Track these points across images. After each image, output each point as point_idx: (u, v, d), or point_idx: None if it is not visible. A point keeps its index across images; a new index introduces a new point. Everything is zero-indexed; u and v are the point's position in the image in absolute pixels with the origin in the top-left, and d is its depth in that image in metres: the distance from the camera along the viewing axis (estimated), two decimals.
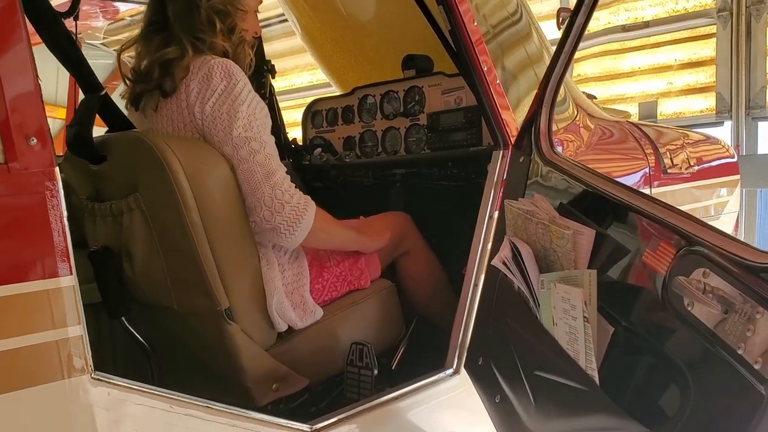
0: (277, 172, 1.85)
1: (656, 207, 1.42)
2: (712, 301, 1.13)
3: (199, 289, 1.83)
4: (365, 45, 3.24)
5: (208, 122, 1.85)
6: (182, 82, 1.89)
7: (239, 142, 1.83)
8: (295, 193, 1.87)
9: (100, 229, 1.99)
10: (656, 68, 6.45)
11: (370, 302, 2.20)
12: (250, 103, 1.87)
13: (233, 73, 1.87)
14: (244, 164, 1.83)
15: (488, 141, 2.54)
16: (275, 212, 1.83)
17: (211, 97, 1.85)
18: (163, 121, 1.94)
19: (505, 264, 1.69)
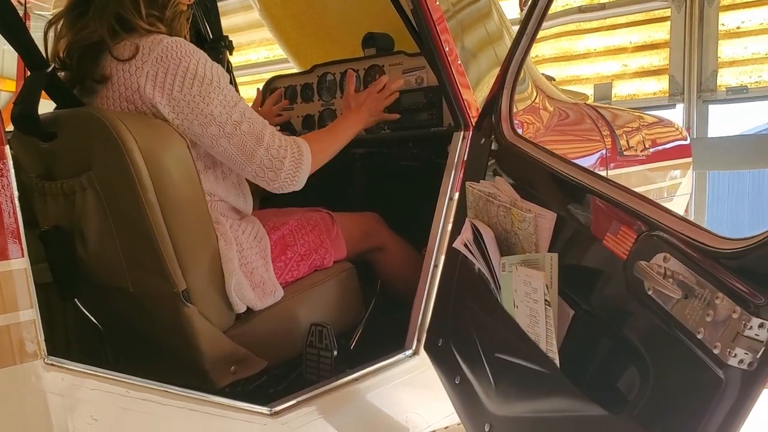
0: (265, 132, 1.87)
1: (617, 191, 1.43)
2: (673, 286, 1.15)
3: (155, 271, 1.79)
4: (325, 22, 3.19)
5: (181, 107, 1.79)
6: (125, 64, 1.80)
7: (222, 120, 1.81)
8: (287, 145, 1.90)
9: (51, 208, 1.93)
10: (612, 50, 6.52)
11: (330, 284, 2.19)
12: (217, 77, 1.83)
13: (190, 52, 1.81)
14: (234, 138, 1.82)
15: (449, 122, 2.53)
16: (277, 170, 1.87)
17: (174, 81, 1.78)
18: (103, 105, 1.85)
19: (466, 246, 1.69)
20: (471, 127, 2.30)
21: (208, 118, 1.80)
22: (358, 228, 2.39)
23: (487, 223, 1.75)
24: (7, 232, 1.25)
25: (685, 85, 6.08)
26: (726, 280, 1.08)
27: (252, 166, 1.86)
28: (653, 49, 6.29)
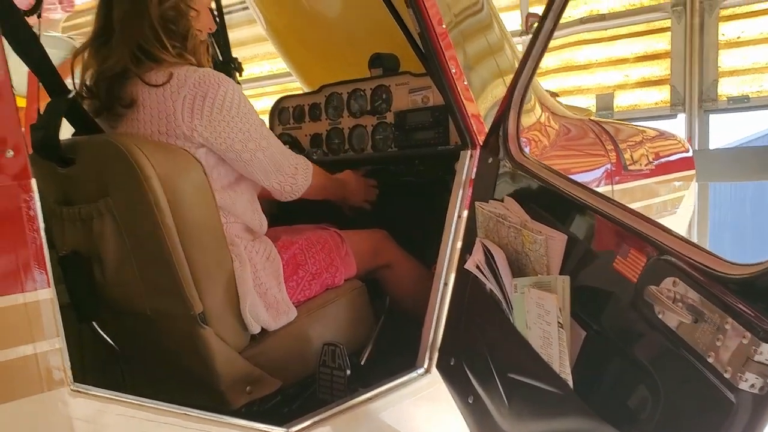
0: (285, 149, 2.11)
1: (626, 214, 1.46)
2: (682, 310, 1.18)
3: (172, 294, 1.82)
4: (331, 42, 3.23)
5: (221, 127, 1.89)
6: (159, 90, 1.86)
7: (258, 135, 1.97)
8: (301, 158, 2.18)
9: (69, 233, 1.96)
10: (613, 61, 6.55)
11: (341, 302, 2.22)
12: (246, 107, 1.94)
13: (225, 80, 1.90)
14: (267, 150, 2.01)
15: (455, 140, 2.57)
16: (294, 176, 2.14)
17: (213, 105, 1.86)
18: (134, 128, 1.91)
19: (478, 268, 1.72)
20: (478, 146, 2.33)
21: (247, 135, 1.93)
22: (366, 245, 2.43)
23: (498, 243, 1.79)
24: (34, 264, 1.28)
25: (687, 94, 6.11)
26: (735, 306, 1.11)
27: (279, 174, 2.07)
28: (654, 60, 6.33)
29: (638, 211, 1.46)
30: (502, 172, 2.06)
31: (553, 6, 1.91)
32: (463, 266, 1.94)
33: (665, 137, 3.70)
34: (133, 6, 1.91)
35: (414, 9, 2.19)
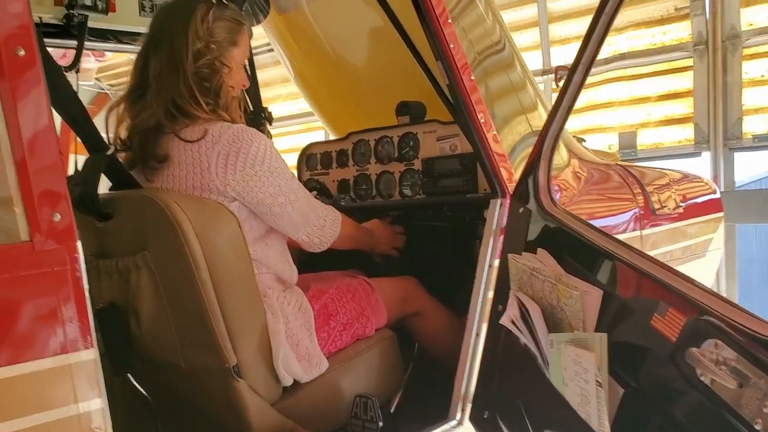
0: (313, 200, 2.15)
1: (663, 271, 1.46)
2: (726, 375, 1.17)
3: (206, 347, 1.84)
4: (358, 90, 3.28)
5: (248, 185, 1.92)
6: (194, 145, 1.91)
7: (288, 189, 2.01)
8: (327, 207, 2.21)
9: (105, 285, 1.99)
10: (635, 99, 6.57)
11: (373, 352, 2.22)
12: (277, 162, 1.98)
13: (258, 137, 1.94)
14: (296, 203, 2.03)
15: (484, 187, 2.58)
16: (320, 228, 2.16)
17: (246, 160, 1.91)
18: (170, 183, 1.95)
19: (513, 323, 1.72)
20: (508, 194, 2.34)
21: (278, 189, 1.97)
22: (396, 293, 2.44)
23: (532, 296, 1.79)
24: (79, 326, 1.30)
25: (711, 132, 6.08)
26: None
27: (308, 227, 2.11)
28: (677, 98, 6.33)
29: (675, 269, 1.46)
30: (533, 222, 2.07)
31: (582, 59, 1.94)
32: (495, 318, 1.94)
33: (691, 179, 3.69)
34: (169, 63, 1.96)
35: (443, 62, 2.23)
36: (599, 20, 1.85)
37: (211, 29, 2.00)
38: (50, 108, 1.32)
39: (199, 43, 1.96)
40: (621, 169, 3.16)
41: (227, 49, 2.05)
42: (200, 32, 1.97)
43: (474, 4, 2.62)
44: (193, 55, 1.95)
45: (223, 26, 2.04)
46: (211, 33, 2.00)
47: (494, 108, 2.51)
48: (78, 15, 2.49)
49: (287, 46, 3.32)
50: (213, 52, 2.00)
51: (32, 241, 1.27)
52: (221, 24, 2.03)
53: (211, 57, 1.99)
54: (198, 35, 1.96)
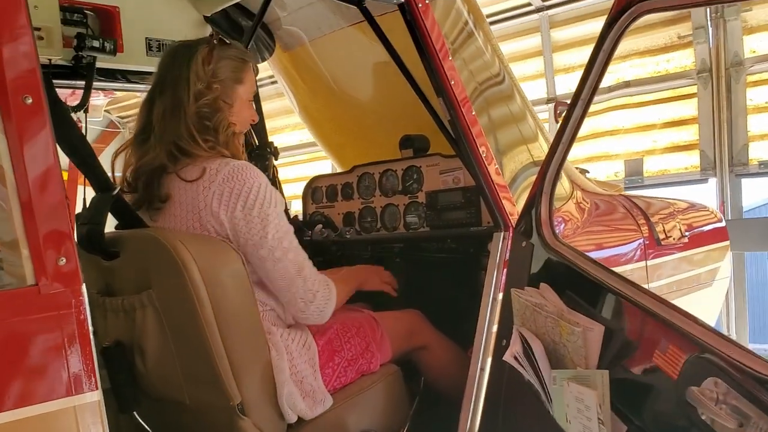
0: (306, 264, 2.02)
1: (664, 308, 1.47)
2: (726, 414, 1.17)
3: (211, 385, 1.84)
4: (363, 124, 3.32)
5: (240, 227, 1.92)
6: (193, 185, 1.94)
7: (274, 244, 1.94)
8: (320, 280, 2.05)
9: (111, 323, 2.01)
10: (640, 127, 6.59)
11: (377, 388, 2.22)
12: (276, 202, 1.97)
13: (254, 176, 1.95)
14: (280, 263, 1.96)
15: (487, 220, 2.60)
16: (308, 302, 2.01)
17: (237, 201, 1.91)
18: (171, 223, 1.98)
19: (517, 360, 1.72)
20: (511, 227, 2.35)
21: (262, 241, 1.93)
22: (401, 327, 2.44)
23: (535, 332, 1.79)
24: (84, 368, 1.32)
25: (717, 159, 6.09)
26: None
27: (288, 293, 2.00)
28: (682, 125, 6.34)
29: (675, 305, 1.46)
30: (536, 256, 2.08)
31: (581, 95, 1.96)
32: (500, 352, 1.94)
33: (696, 209, 3.69)
34: (171, 105, 2.01)
35: (444, 97, 2.26)
36: (597, 57, 1.88)
37: (214, 69, 2.04)
38: (56, 154, 1.35)
39: (200, 84, 2.00)
40: (625, 200, 3.17)
41: (232, 88, 2.08)
42: (201, 73, 2.01)
43: (473, 37, 2.66)
44: (194, 96, 1.99)
45: (227, 65, 2.07)
46: (215, 73, 2.04)
47: (495, 139, 2.54)
48: (87, 56, 2.54)
49: (292, 82, 3.37)
50: (215, 92, 2.03)
51: (38, 285, 1.29)
52: (225, 63, 2.07)
53: (212, 96, 2.02)
54: (198, 76, 2.00)
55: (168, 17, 2.81)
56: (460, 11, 2.61)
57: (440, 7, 2.49)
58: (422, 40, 2.24)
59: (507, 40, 6.76)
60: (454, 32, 2.57)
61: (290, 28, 3.11)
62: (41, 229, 1.29)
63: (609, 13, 1.83)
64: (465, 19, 2.65)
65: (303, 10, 2.99)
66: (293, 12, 3.01)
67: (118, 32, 2.64)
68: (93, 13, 2.62)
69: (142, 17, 2.74)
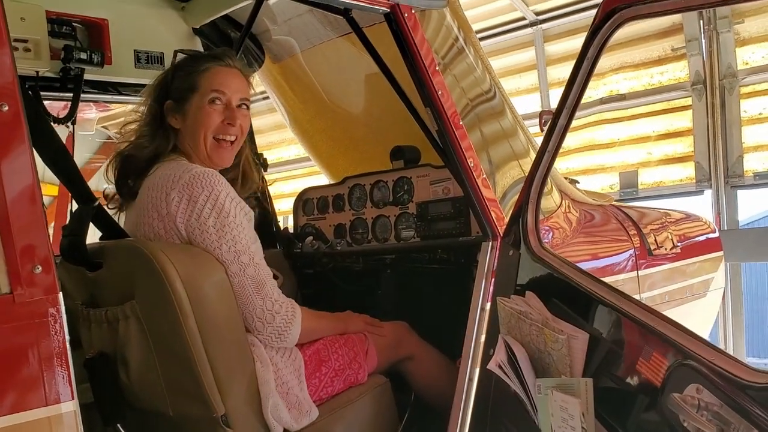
0: (267, 283, 1.93)
1: (648, 315, 1.45)
2: (707, 420, 1.15)
3: (194, 396, 1.83)
4: (354, 136, 3.32)
5: (195, 235, 1.89)
6: (157, 189, 1.93)
7: (229, 257, 1.88)
8: (283, 302, 1.96)
9: (95, 334, 2.00)
10: (635, 139, 6.59)
11: (365, 400, 2.20)
12: (236, 214, 1.91)
13: (214, 184, 1.90)
14: (235, 278, 1.89)
15: (477, 230, 2.59)
16: (266, 323, 1.92)
17: (194, 210, 1.88)
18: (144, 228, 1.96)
19: (501, 368, 1.70)
20: (499, 237, 2.34)
21: (216, 253, 1.88)
22: (388, 338, 2.41)
23: (520, 340, 1.78)
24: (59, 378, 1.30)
25: (712, 171, 6.09)
26: (759, 415, 1.08)
27: (245, 310, 1.91)
28: (676, 137, 6.35)
29: (661, 312, 1.45)
30: (522, 265, 2.07)
31: (566, 104, 1.96)
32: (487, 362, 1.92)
33: (691, 219, 3.68)
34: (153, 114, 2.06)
35: (432, 108, 2.26)
36: (581, 65, 1.88)
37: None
38: (34, 162, 1.35)
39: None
40: (616, 210, 3.16)
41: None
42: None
43: (464, 54, 2.66)
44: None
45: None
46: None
47: (487, 154, 2.53)
48: (74, 68, 2.54)
49: (282, 94, 3.37)
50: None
51: (12, 294, 1.28)
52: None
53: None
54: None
55: (157, 29, 2.82)
56: (450, 27, 2.61)
57: (430, 24, 2.50)
58: (408, 50, 2.25)
59: (501, 54, 6.78)
60: (444, 48, 2.58)
61: (279, 38, 3.12)
62: (16, 237, 1.29)
63: (592, 22, 1.84)
64: (455, 35, 2.66)
65: (292, 21, 3.00)
66: (282, 23, 3.02)
67: (106, 44, 2.64)
68: (81, 26, 2.62)
69: (131, 29, 2.74)
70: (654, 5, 1.63)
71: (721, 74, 5.99)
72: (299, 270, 3.11)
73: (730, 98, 6.01)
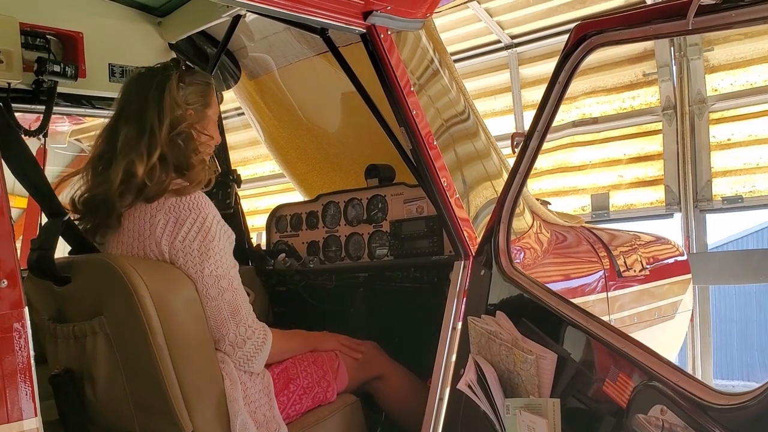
0: (242, 309, 1.94)
1: (615, 336, 1.47)
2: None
3: (162, 414, 1.81)
4: (329, 153, 3.33)
5: (178, 257, 1.88)
6: (141, 211, 1.91)
7: (210, 281, 1.88)
8: (256, 328, 1.96)
9: (62, 350, 1.97)
10: (607, 162, 6.69)
11: (335, 419, 2.19)
12: (220, 237, 1.91)
13: (202, 206, 1.91)
14: (213, 302, 1.88)
15: (450, 249, 2.60)
16: (237, 348, 1.92)
17: (179, 232, 1.88)
18: (116, 249, 1.94)
19: (470, 388, 1.71)
20: (471, 256, 2.36)
21: (197, 276, 1.88)
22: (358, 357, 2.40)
23: (490, 360, 1.78)
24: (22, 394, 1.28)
25: (681, 194, 6.19)
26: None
27: (218, 333, 1.91)
28: (647, 161, 6.45)
29: (627, 334, 1.47)
30: (494, 285, 2.09)
31: (537, 126, 1.99)
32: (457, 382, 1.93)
33: (660, 242, 3.74)
34: (139, 131, 1.97)
35: (406, 127, 2.27)
36: (553, 89, 1.91)
37: (185, 95, 2.04)
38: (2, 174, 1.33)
39: (179, 110, 1.99)
40: (586, 232, 3.19)
41: (203, 112, 2.09)
42: (178, 99, 2.00)
43: (439, 75, 2.69)
44: (170, 123, 1.97)
45: (196, 90, 2.08)
46: (187, 99, 2.04)
47: (460, 174, 2.55)
48: (48, 81, 2.52)
49: (258, 110, 3.37)
50: (190, 118, 2.03)
51: None
52: (194, 88, 2.08)
53: (188, 123, 2.02)
54: (177, 103, 1.99)
55: (132, 44, 2.81)
56: (426, 49, 2.64)
57: (407, 45, 2.52)
58: (384, 70, 2.26)
59: (477, 76, 6.87)
60: (419, 69, 2.60)
61: (256, 55, 3.13)
62: None
63: (564, 47, 1.87)
64: (431, 57, 2.69)
65: (268, 39, 3.01)
66: (259, 40, 3.03)
67: (80, 57, 2.62)
68: (55, 38, 2.60)
69: (106, 43, 2.73)
70: (623, 32, 1.67)
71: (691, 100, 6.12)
72: (271, 287, 3.10)
73: (700, 123, 6.13)
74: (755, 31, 5.61)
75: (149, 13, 2.89)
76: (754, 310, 13.01)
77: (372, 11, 2.20)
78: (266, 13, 2.13)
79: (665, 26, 1.54)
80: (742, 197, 5.94)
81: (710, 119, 6.09)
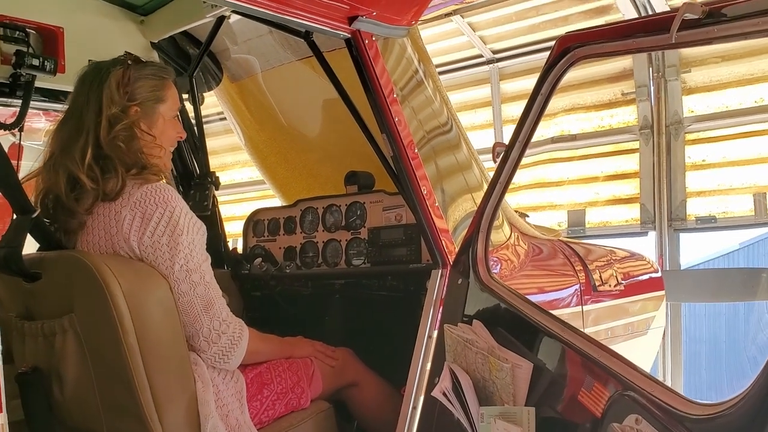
0: (216, 302, 1.90)
1: (591, 346, 1.47)
2: None
3: (131, 416, 1.78)
4: (309, 159, 3.32)
5: (147, 253, 1.84)
6: (109, 205, 1.87)
7: (181, 276, 1.85)
8: (231, 322, 1.93)
9: (29, 348, 1.93)
10: (584, 179, 6.75)
11: (307, 425, 2.17)
12: (189, 230, 1.87)
13: (168, 200, 1.86)
14: (185, 297, 1.85)
15: (427, 258, 2.60)
16: (212, 343, 1.89)
17: (147, 228, 1.83)
18: (89, 247, 1.90)
19: (445, 395, 1.70)
20: (449, 265, 2.35)
21: (168, 271, 1.84)
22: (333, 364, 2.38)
23: (466, 368, 1.78)
24: None
25: (656, 213, 6.25)
26: None
27: (192, 328, 1.88)
28: (624, 179, 6.52)
29: (603, 344, 1.47)
30: (471, 294, 2.08)
31: (519, 137, 2.00)
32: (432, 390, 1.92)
33: (635, 258, 3.77)
34: (76, 131, 1.93)
35: (387, 134, 2.27)
36: (536, 100, 1.92)
37: (131, 92, 1.96)
38: None
39: (115, 108, 1.91)
40: (563, 245, 3.21)
41: (153, 108, 2.02)
42: (115, 97, 1.93)
43: (423, 86, 2.69)
44: (107, 122, 1.90)
45: (146, 85, 2.01)
46: (132, 96, 1.97)
47: (441, 185, 2.55)
48: (25, 74, 2.48)
49: (239, 113, 3.35)
50: (133, 116, 1.95)
51: None
52: (143, 83, 2.00)
53: (129, 121, 1.94)
54: (113, 100, 1.92)
55: (114, 41, 2.77)
56: (411, 59, 2.64)
57: (392, 54, 2.52)
58: (368, 76, 2.26)
59: (458, 89, 6.90)
60: (404, 79, 2.60)
61: (239, 58, 3.11)
62: None
63: (548, 58, 1.88)
64: (415, 67, 2.69)
65: (252, 42, 2.99)
66: (242, 43, 3.02)
67: (60, 52, 2.58)
68: (35, 32, 2.55)
69: (87, 39, 2.69)
70: (606, 45, 1.68)
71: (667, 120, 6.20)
72: (246, 292, 3.07)
73: (676, 144, 6.21)
74: (732, 54, 5.71)
75: (132, 11, 2.85)
76: (723, 330, 13.17)
77: (357, 16, 2.20)
78: (251, 14, 2.12)
79: (648, 40, 1.55)
80: (715, 218, 6.02)
81: (686, 140, 6.18)
